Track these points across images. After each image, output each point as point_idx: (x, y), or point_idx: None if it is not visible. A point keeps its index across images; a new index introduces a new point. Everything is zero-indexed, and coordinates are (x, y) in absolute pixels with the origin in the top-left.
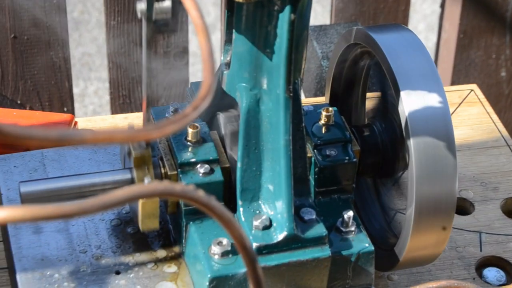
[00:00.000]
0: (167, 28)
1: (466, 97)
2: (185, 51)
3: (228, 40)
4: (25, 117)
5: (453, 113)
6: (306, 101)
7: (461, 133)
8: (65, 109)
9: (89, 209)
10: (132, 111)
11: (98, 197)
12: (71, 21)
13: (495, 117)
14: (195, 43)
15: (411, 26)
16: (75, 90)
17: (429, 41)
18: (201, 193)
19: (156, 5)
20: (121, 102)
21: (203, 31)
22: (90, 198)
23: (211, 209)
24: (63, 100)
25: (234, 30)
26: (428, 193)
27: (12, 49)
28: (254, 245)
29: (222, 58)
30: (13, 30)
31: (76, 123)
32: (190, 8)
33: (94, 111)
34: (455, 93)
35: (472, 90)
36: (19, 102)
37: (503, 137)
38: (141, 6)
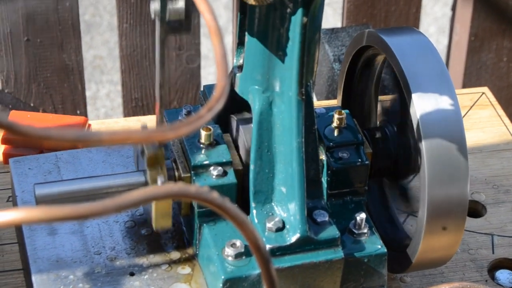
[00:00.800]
0: (181, 29)
1: (478, 100)
2: (197, 54)
3: (240, 43)
4: (39, 119)
5: (464, 116)
6: (318, 104)
7: (472, 136)
8: (78, 111)
9: (104, 210)
10: (144, 114)
11: (113, 199)
12: (82, 24)
13: (506, 120)
14: (206, 46)
15: (422, 29)
16: (87, 93)
17: (440, 44)
18: (215, 195)
19: (170, 5)
20: (133, 105)
21: (217, 34)
22: (105, 200)
23: (225, 211)
24: (75, 102)
25: (246, 33)
26: (440, 195)
27: (25, 52)
28: (267, 247)
29: (234, 60)
30: (26, 33)
31: (89, 125)
32: (204, 11)
33: (106, 114)
34: (467, 96)
35: (483, 93)
36: (32, 104)
37: None
38: (155, 7)
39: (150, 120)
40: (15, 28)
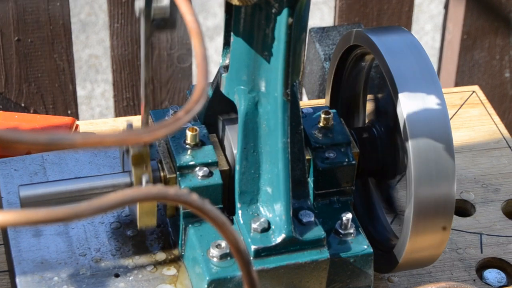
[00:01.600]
0: (165, 26)
1: (468, 98)
2: (188, 53)
3: (226, 43)
4: (27, 120)
5: (454, 114)
6: (309, 103)
7: (462, 135)
8: (69, 111)
9: (82, 213)
10: (136, 114)
11: (92, 201)
12: (78, 23)
13: (496, 118)
14: None
15: (418, 26)
16: (82, 92)
17: (436, 41)
18: (195, 197)
19: (154, 3)
20: (124, 104)
21: (198, 35)
22: (84, 202)
23: (205, 213)
24: (67, 103)
25: (232, 33)
26: (427, 194)
27: (16, 52)
28: (253, 247)
29: (221, 61)
30: (16, 33)
31: (77, 126)
32: (185, 12)
33: (101, 113)
34: (457, 94)
35: (474, 91)
36: (23, 105)
37: (505, 139)
38: (139, 4)
39: (140, 120)
40: (6, 28)
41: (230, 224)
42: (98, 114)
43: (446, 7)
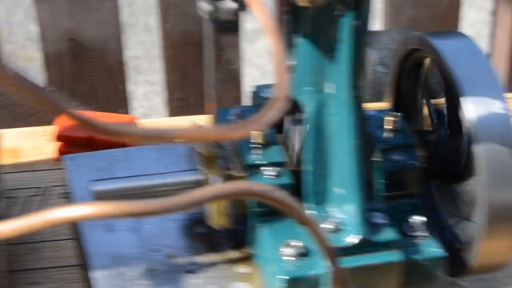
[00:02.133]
0: (231, 29)
1: None
2: (236, 55)
3: (289, 45)
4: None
5: None
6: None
7: None
8: (121, 110)
9: (172, 207)
10: (187, 114)
11: (180, 196)
12: None
13: None
14: (245, 47)
15: None
16: None
17: None
18: (280, 193)
19: (220, 5)
20: (175, 105)
21: (275, 34)
22: (172, 197)
23: (290, 209)
24: (118, 101)
25: (296, 35)
26: (500, 199)
27: (68, 51)
28: None
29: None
30: (69, 32)
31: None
32: (258, 12)
33: (144, 114)
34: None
35: None
36: (77, 103)
37: None
38: (204, 6)
39: (193, 120)
40: (58, 27)
41: (315, 221)
42: (141, 115)
43: (494, 13)
